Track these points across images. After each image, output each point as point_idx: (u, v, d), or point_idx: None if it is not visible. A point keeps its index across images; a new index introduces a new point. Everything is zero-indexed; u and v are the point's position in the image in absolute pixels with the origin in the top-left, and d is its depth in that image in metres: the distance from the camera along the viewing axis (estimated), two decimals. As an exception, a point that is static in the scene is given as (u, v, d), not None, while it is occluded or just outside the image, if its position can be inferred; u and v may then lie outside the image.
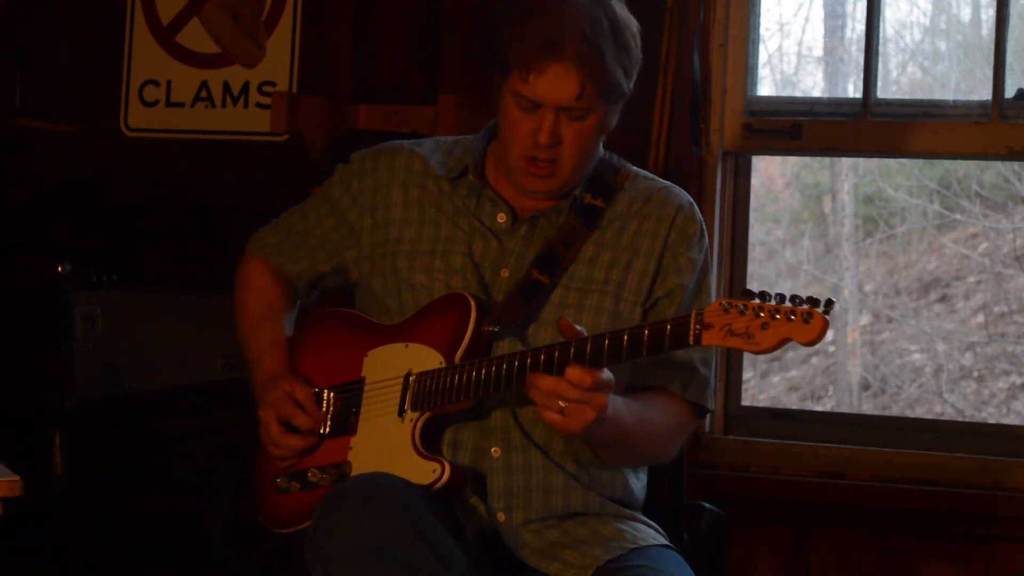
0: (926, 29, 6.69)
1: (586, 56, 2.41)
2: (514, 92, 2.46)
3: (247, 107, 3.99)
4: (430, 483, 2.41)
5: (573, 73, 2.42)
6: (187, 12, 4.06)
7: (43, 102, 4.11)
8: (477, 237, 2.57)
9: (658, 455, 2.61)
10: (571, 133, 2.47)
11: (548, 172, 2.50)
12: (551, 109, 2.44)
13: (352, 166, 2.70)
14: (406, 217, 2.61)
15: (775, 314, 2.17)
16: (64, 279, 3.36)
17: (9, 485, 2.24)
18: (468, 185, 2.60)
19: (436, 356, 2.48)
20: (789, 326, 2.17)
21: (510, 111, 2.48)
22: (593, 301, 2.53)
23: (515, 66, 2.44)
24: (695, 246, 2.59)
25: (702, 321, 2.23)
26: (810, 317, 2.16)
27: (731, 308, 2.21)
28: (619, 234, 2.57)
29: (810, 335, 2.16)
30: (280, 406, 2.55)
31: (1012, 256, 6.71)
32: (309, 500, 2.51)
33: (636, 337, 2.29)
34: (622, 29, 2.46)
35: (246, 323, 2.74)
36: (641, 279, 2.55)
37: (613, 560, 2.46)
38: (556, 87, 2.42)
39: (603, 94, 2.45)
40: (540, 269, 2.51)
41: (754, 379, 6.79)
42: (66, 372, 3.34)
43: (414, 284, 2.57)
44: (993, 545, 3.51)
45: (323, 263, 2.71)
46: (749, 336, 2.19)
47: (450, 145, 2.68)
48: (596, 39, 2.42)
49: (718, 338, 2.21)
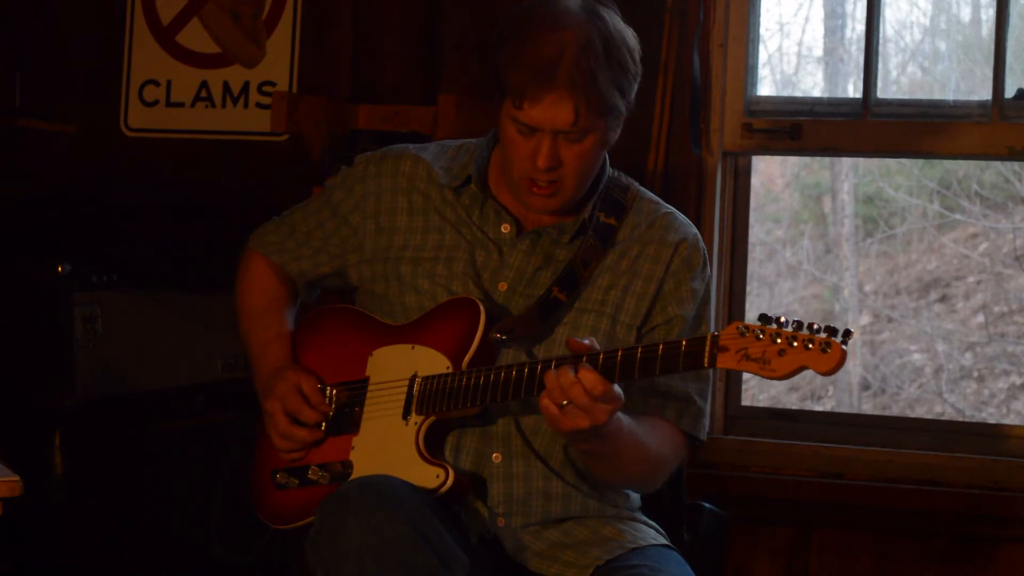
0: (926, 29, 6.69)
1: (579, 82, 2.39)
2: (511, 117, 2.46)
3: (247, 107, 3.99)
4: (434, 488, 2.41)
5: (567, 100, 2.40)
6: (187, 12, 4.06)
7: (43, 102, 4.11)
8: (479, 247, 2.57)
9: (644, 481, 2.58)
10: (570, 155, 2.46)
11: (551, 192, 2.49)
12: (548, 134, 2.43)
13: (356, 169, 2.69)
14: (411, 225, 2.61)
15: (792, 341, 2.16)
16: (64, 279, 3.36)
17: (9, 485, 2.24)
18: (471, 195, 2.60)
19: (443, 360, 2.48)
20: (807, 354, 2.16)
21: (509, 133, 2.48)
22: (589, 321, 2.52)
23: (510, 93, 2.43)
24: (698, 276, 2.58)
25: (717, 344, 2.22)
26: (828, 347, 2.15)
27: (747, 332, 2.20)
28: (620, 257, 2.56)
29: (828, 365, 2.15)
30: (287, 400, 2.55)
31: (1012, 256, 6.71)
32: (308, 497, 2.51)
33: (650, 354, 2.28)
34: (617, 47, 2.44)
35: (248, 317, 2.74)
36: (639, 302, 2.54)
37: (612, 560, 2.46)
38: (550, 115, 2.41)
39: (599, 116, 2.44)
40: (560, 287, 2.51)
41: (754, 379, 6.78)
42: (66, 372, 3.34)
43: (417, 288, 2.56)
44: (993, 545, 3.51)
45: (324, 265, 2.71)
46: (765, 362, 2.18)
47: (454, 150, 2.67)
48: (589, 63, 2.40)
49: (733, 362, 2.21)
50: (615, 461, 2.45)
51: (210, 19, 4.05)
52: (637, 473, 2.53)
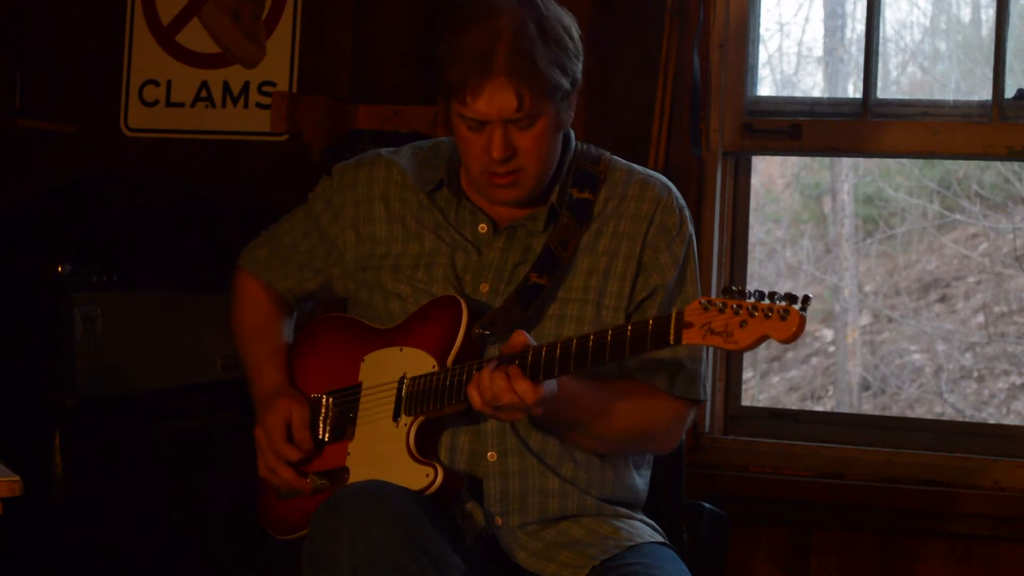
0: (926, 29, 6.69)
1: (516, 67, 2.39)
2: (459, 114, 2.45)
3: (247, 107, 3.99)
4: (423, 488, 2.40)
5: (507, 87, 2.39)
6: (187, 12, 4.06)
7: (43, 102, 4.11)
8: (459, 250, 2.56)
9: (633, 444, 2.58)
10: (524, 141, 2.45)
11: (511, 181, 2.48)
12: (497, 124, 2.43)
13: (333, 180, 2.69)
14: (390, 233, 2.60)
15: (753, 312, 2.17)
16: (64, 279, 3.35)
17: (9, 485, 2.24)
18: (445, 198, 2.59)
19: (429, 360, 2.48)
20: (766, 323, 2.16)
21: (460, 131, 2.47)
22: (574, 311, 2.52)
23: (452, 90, 2.43)
24: (675, 238, 2.57)
25: (682, 320, 2.23)
26: (787, 314, 2.15)
27: (711, 307, 2.21)
28: (598, 235, 2.55)
29: (787, 332, 2.15)
30: (272, 436, 2.56)
31: (1012, 256, 6.71)
32: (309, 506, 2.50)
33: (619, 337, 2.29)
34: (551, 26, 2.43)
35: (244, 335, 2.75)
36: (622, 283, 2.54)
37: (609, 559, 2.46)
38: (494, 104, 2.40)
39: (544, 97, 2.43)
40: (539, 273, 2.50)
41: (754, 379, 6.79)
42: (66, 372, 3.34)
43: (400, 295, 2.56)
44: (993, 545, 3.51)
45: (309, 281, 2.71)
46: (728, 334, 2.19)
47: (426, 152, 2.66)
48: (523, 46, 2.39)
49: (698, 337, 2.21)
50: (583, 429, 2.47)
51: (210, 19, 4.05)
52: (615, 437, 2.52)
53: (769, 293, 2.18)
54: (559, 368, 2.33)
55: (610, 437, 2.52)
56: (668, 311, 2.43)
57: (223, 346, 3.61)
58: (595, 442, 2.52)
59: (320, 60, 3.93)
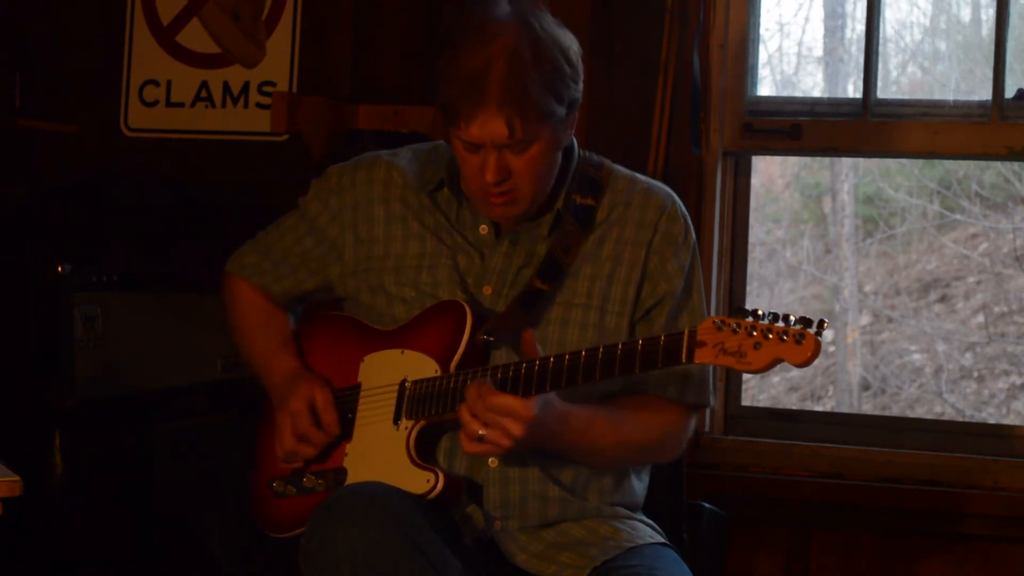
0: (926, 29, 6.69)
1: (508, 95, 2.36)
2: (455, 135, 2.44)
3: (247, 107, 3.99)
4: (423, 493, 2.40)
5: (498, 117, 2.37)
6: (187, 12, 4.06)
7: (43, 102, 4.11)
8: (461, 252, 2.55)
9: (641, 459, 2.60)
10: (519, 165, 2.43)
11: (507, 200, 2.47)
12: (491, 148, 2.41)
13: (329, 181, 2.67)
14: (390, 233, 2.59)
15: (767, 334, 2.17)
16: (64, 279, 3.35)
17: (9, 485, 2.24)
18: (446, 199, 2.59)
19: (431, 364, 2.48)
20: (781, 347, 2.16)
21: (457, 148, 2.46)
22: (577, 316, 2.51)
23: (448, 113, 2.42)
24: (681, 246, 2.56)
25: (695, 339, 2.23)
26: (802, 338, 2.15)
27: (724, 326, 2.20)
28: (601, 241, 2.54)
29: (802, 356, 2.15)
30: (298, 420, 2.53)
31: (1012, 256, 6.71)
32: (305, 505, 2.50)
33: (629, 352, 2.29)
34: (548, 50, 2.39)
35: (246, 336, 2.74)
36: (626, 288, 2.53)
37: (609, 560, 2.45)
38: (486, 132, 2.39)
39: (537, 124, 2.40)
40: (542, 278, 2.50)
41: (754, 379, 6.78)
42: (66, 372, 3.34)
43: (404, 298, 2.55)
44: (993, 545, 3.51)
45: (306, 281, 2.70)
46: (741, 355, 2.19)
47: (426, 154, 2.65)
48: (517, 72, 2.36)
49: (710, 356, 2.21)
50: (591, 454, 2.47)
51: (210, 19, 4.05)
52: (625, 458, 2.53)
53: (783, 316, 2.18)
54: (566, 380, 2.33)
55: (621, 459, 2.53)
56: (676, 322, 2.43)
57: (223, 346, 3.60)
58: (606, 462, 2.53)
59: (320, 60, 3.93)
